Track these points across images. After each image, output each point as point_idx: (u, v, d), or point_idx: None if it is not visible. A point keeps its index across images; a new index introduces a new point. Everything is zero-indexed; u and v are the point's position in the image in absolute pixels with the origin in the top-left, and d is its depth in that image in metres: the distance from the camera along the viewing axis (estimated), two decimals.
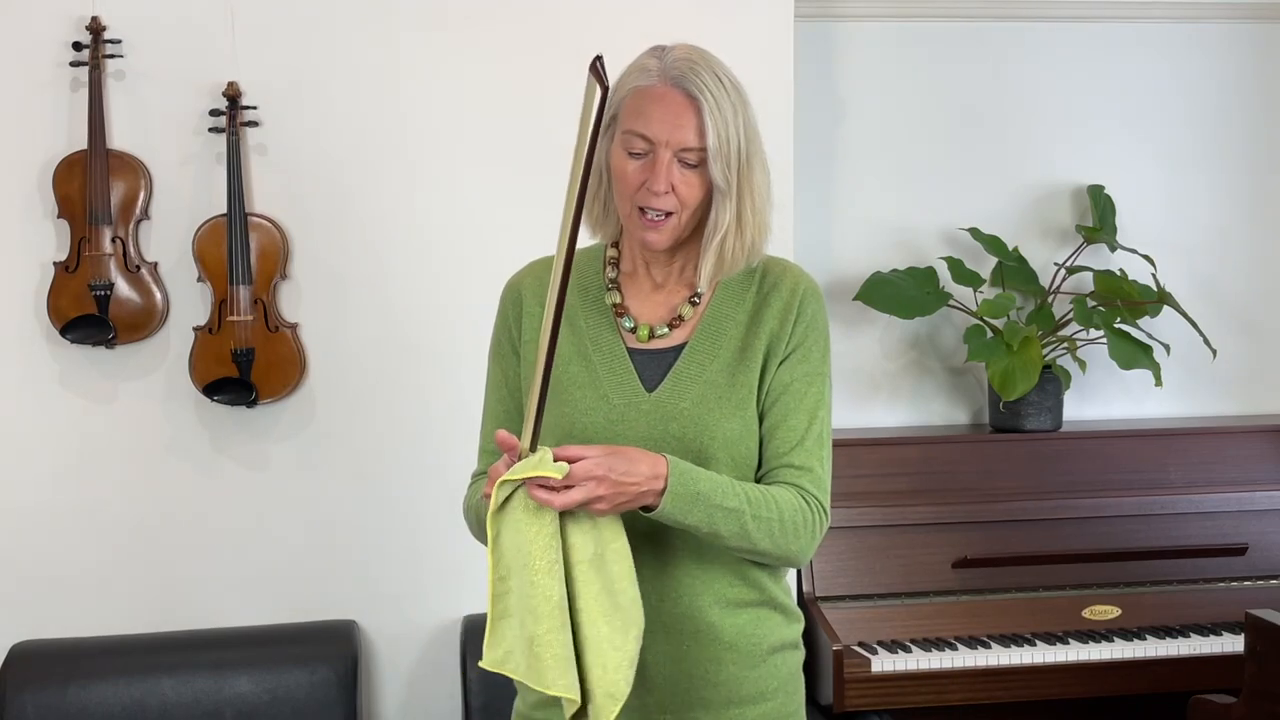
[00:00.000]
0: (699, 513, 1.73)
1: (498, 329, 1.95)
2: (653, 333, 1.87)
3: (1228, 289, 3.77)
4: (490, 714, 3.00)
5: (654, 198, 1.78)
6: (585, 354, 1.86)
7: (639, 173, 1.79)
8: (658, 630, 1.79)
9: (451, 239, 3.15)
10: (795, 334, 1.87)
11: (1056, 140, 3.67)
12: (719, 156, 1.77)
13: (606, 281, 1.91)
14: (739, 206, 1.81)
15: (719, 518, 1.75)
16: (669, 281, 1.90)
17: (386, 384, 3.15)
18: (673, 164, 1.77)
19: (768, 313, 1.87)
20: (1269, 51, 3.73)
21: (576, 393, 1.84)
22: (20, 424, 3.07)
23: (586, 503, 1.66)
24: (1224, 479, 3.39)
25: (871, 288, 3.44)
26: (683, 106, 1.77)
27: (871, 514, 3.23)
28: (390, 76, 3.11)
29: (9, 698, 2.91)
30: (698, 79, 1.78)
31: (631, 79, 1.82)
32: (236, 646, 3.06)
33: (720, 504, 1.75)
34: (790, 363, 1.86)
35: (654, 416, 1.81)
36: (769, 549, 1.80)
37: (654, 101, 1.78)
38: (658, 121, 1.77)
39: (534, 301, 1.90)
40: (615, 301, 1.89)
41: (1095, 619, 3.19)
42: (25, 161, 3.02)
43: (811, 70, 3.46)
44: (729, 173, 1.78)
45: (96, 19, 2.98)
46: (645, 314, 1.89)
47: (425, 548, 3.16)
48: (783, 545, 1.81)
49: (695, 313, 1.88)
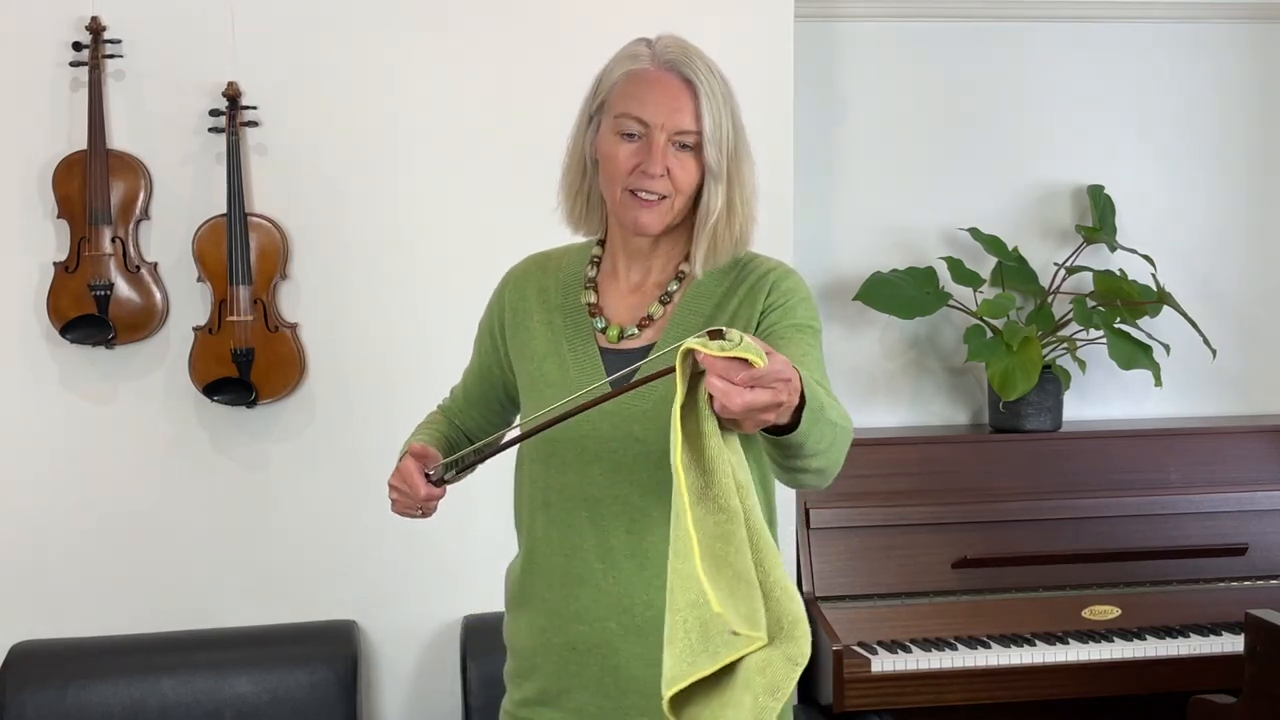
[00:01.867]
0: (819, 425, 1.52)
1: (486, 311, 2.01)
2: (622, 333, 1.86)
3: (1228, 289, 3.77)
4: (490, 714, 2.98)
5: (649, 180, 1.78)
6: (560, 353, 1.88)
7: (632, 156, 1.79)
8: (633, 632, 1.80)
9: (451, 239, 3.14)
10: (769, 299, 1.80)
11: (1056, 140, 3.67)
12: (713, 141, 1.78)
13: (585, 280, 1.91)
14: (729, 193, 1.81)
15: (825, 431, 1.55)
16: (646, 282, 1.89)
17: (386, 384, 3.15)
18: (668, 147, 1.78)
19: (732, 300, 1.84)
20: (1269, 51, 3.73)
21: (547, 391, 1.84)
22: (20, 424, 3.07)
23: (766, 408, 1.38)
24: (1224, 479, 3.39)
25: (871, 288, 3.44)
26: (679, 90, 1.78)
27: (871, 514, 3.23)
28: (390, 76, 3.11)
29: (9, 698, 2.91)
30: (691, 64, 1.79)
31: (622, 65, 1.83)
32: (236, 646, 3.06)
33: (825, 416, 1.54)
34: (768, 319, 1.79)
35: (617, 417, 1.79)
36: (826, 460, 1.60)
37: (649, 85, 1.79)
38: (654, 104, 1.78)
39: (518, 295, 1.94)
40: (590, 301, 1.89)
41: (1095, 619, 3.19)
42: (25, 161, 3.02)
43: (811, 70, 3.46)
44: (721, 157, 1.79)
45: (96, 19, 2.98)
46: (619, 314, 1.89)
47: (425, 548, 3.15)
48: (838, 453, 1.64)
49: (665, 313, 1.87)
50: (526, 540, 1.91)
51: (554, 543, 1.85)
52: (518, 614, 1.93)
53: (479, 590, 3.10)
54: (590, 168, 1.87)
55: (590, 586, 1.82)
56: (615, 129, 1.80)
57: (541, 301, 1.92)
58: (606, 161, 1.82)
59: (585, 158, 1.87)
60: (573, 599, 1.83)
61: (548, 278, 1.94)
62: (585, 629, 1.83)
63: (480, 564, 2.93)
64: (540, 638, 1.87)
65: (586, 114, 1.87)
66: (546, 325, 1.89)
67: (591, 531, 1.81)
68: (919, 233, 3.62)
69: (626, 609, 1.80)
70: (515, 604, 1.93)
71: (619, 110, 1.80)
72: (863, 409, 3.58)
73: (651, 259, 1.88)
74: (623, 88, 1.81)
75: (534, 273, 1.96)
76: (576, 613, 1.83)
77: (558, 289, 1.92)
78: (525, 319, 1.92)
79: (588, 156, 1.87)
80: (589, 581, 1.82)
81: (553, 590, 1.85)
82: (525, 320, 1.92)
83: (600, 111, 1.84)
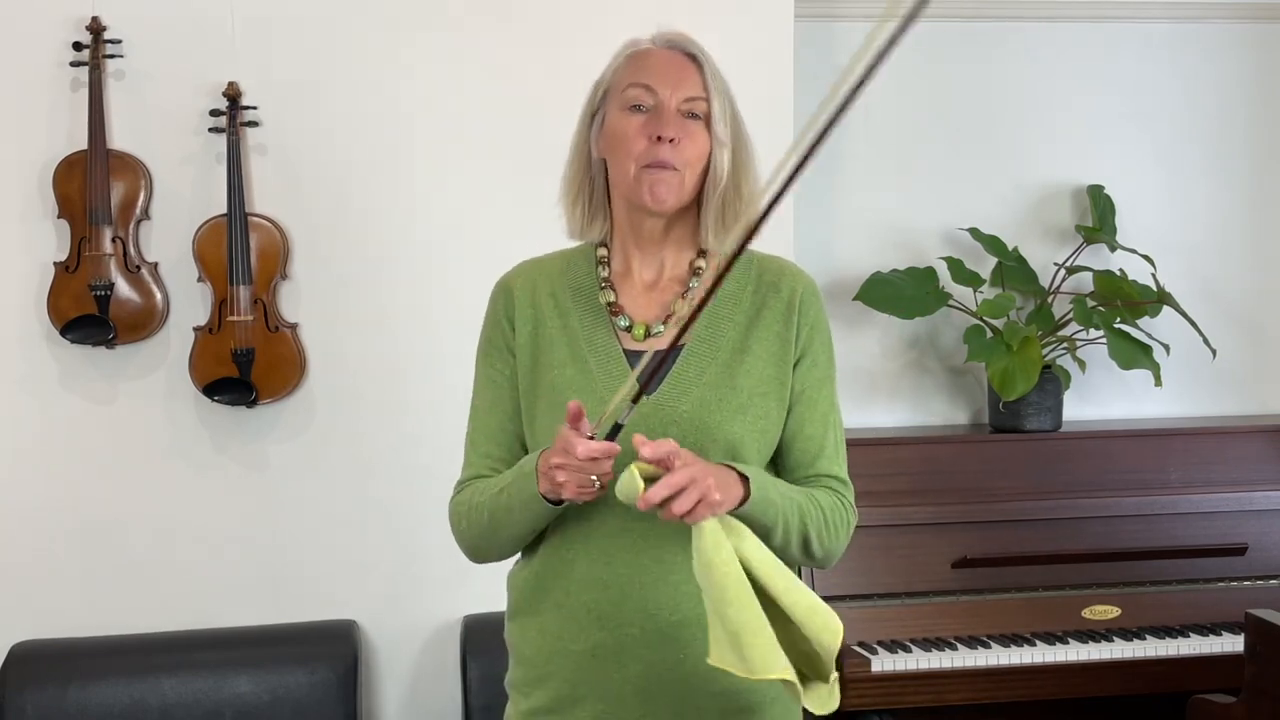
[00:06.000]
0: (775, 501, 1.74)
1: (488, 329, 1.93)
2: (648, 331, 1.86)
3: (1228, 289, 3.77)
4: (490, 714, 3.00)
5: (661, 148, 1.79)
6: (580, 355, 1.85)
7: (644, 126, 1.80)
8: (655, 640, 1.78)
9: (451, 239, 3.15)
10: (801, 338, 1.87)
11: (1056, 140, 3.67)
12: (720, 114, 1.82)
13: (600, 281, 1.90)
14: (735, 164, 1.84)
15: (789, 510, 1.76)
16: (661, 279, 1.89)
17: (386, 384, 3.15)
18: (678, 115, 1.81)
19: (768, 314, 1.86)
20: (1269, 51, 3.73)
21: (571, 395, 1.80)
22: (20, 424, 3.07)
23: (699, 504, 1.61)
24: (1224, 479, 3.38)
25: (871, 288, 3.44)
26: (683, 62, 1.84)
27: (871, 514, 3.22)
28: (390, 76, 3.11)
29: (9, 698, 2.91)
30: (692, 44, 1.86)
31: (623, 52, 1.87)
32: (236, 646, 3.06)
33: (787, 494, 1.78)
34: (800, 369, 1.87)
35: (653, 420, 1.78)
36: (816, 548, 1.83)
37: (655, 58, 1.84)
38: (661, 73, 1.82)
39: (525, 302, 1.89)
40: (610, 300, 1.88)
41: (1095, 619, 3.19)
42: (25, 161, 3.02)
43: (811, 70, 3.46)
44: (726, 129, 1.83)
45: (96, 19, 2.98)
46: (640, 312, 1.88)
47: (425, 548, 3.15)
48: (827, 544, 1.85)
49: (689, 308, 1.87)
50: (546, 546, 1.86)
51: (580, 548, 1.82)
52: (527, 621, 1.88)
53: (479, 590, 3.10)
54: (595, 168, 1.88)
55: (615, 591, 1.80)
56: (623, 104, 1.82)
57: (554, 306, 1.88)
58: (617, 139, 1.82)
59: (589, 156, 1.88)
60: (595, 604, 1.80)
61: (554, 282, 1.90)
62: (607, 635, 1.80)
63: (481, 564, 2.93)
64: (556, 644, 1.84)
65: (589, 112, 1.89)
66: (563, 330, 1.86)
67: (622, 537, 1.79)
68: (919, 233, 3.62)
69: (651, 614, 1.78)
70: (525, 610, 1.89)
71: (626, 84, 1.82)
72: (863, 409, 3.59)
73: (663, 251, 1.88)
74: (627, 68, 1.84)
75: (536, 278, 1.92)
76: (599, 618, 1.80)
77: (569, 292, 1.89)
78: (539, 325, 1.88)
79: (593, 157, 1.87)
80: (614, 586, 1.80)
81: (572, 596, 1.82)
82: (540, 327, 1.88)
83: (604, 102, 1.86)
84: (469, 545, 1.91)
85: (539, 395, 1.86)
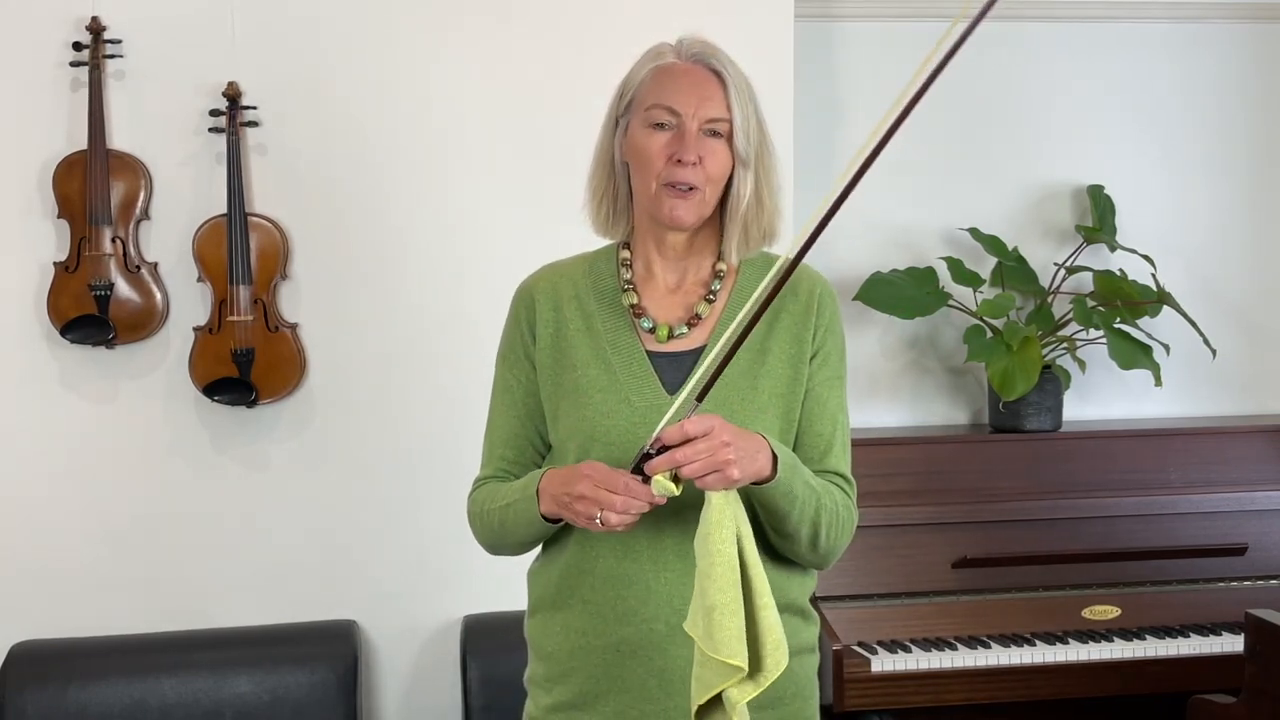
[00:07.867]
0: (797, 493, 1.75)
1: (509, 333, 1.94)
2: (672, 332, 1.87)
3: (1228, 289, 3.77)
4: (490, 714, 3.00)
5: (682, 169, 1.79)
6: (604, 356, 1.86)
7: (665, 146, 1.81)
8: (679, 635, 1.78)
9: (451, 239, 3.14)
10: (817, 338, 1.89)
11: (1056, 140, 3.67)
12: (742, 129, 1.82)
13: (622, 283, 1.91)
14: (757, 184, 1.85)
15: (807, 499, 1.77)
16: (684, 282, 1.91)
17: (386, 384, 3.15)
18: (700, 134, 1.80)
19: (786, 317, 1.88)
20: (1269, 51, 3.73)
21: (597, 396, 1.83)
22: (20, 424, 3.07)
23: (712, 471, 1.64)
24: (1224, 479, 3.38)
25: (871, 288, 3.44)
26: (707, 79, 1.83)
27: (871, 514, 3.21)
28: (390, 76, 3.11)
29: (9, 698, 2.91)
30: (717, 58, 1.84)
31: (648, 63, 1.86)
32: (236, 646, 3.06)
33: (810, 483, 1.78)
34: (812, 367, 1.88)
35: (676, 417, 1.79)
36: (822, 543, 1.83)
37: (678, 76, 1.83)
38: (684, 93, 1.81)
39: (548, 306, 1.90)
40: (633, 302, 1.89)
41: (1095, 619, 3.19)
42: (25, 161, 3.02)
43: (811, 70, 3.46)
44: (749, 146, 1.83)
45: (96, 19, 2.98)
46: (663, 315, 1.89)
47: (425, 548, 3.16)
48: (833, 540, 1.85)
49: (713, 311, 1.88)
50: (569, 543, 1.86)
51: (603, 545, 1.82)
52: (550, 616, 1.89)
53: (479, 590, 3.10)
54: (618, 171, 1.89)
55: (640, 587, 1.81)
56: (646, 121, 1.82)
57: (578, 308, 1.89)
58: (639, 155, 1.83)
59: (613, 161, 1.89)
60: (620, 600, 1.82)
61: (577, 285, 1.92)
62: (631, 630, 1.81)
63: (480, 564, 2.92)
64: (580, 640, 1.85)
65: (613, 117, 1.89)
66: (586, 332, 1.88)
67: (645, 532, 1.79)
68: (919, 233, 3.62)
69: (676, 609, 1.79)
70: (549, 606, 1.89)
71: (649, 103, 1.82)
72: (863, 409, 3.58)
73: (687, 259, 1.90)
74: (651, 83, 1.84)
75: (558, 282, 1.93)
76: (623, 614, 1.81)
77: (591, 294, 1.90)
78: (561, 328, 1.89)
79: (616, 160, 1.88)
80: (639, 582, 1.81)
81: (597, 592, 1.83)
82: (561, 329, 1.89)
83: (628, 111, 1.86)
84: (484, 544, 1.96)
85: (563, 396, 1.87)
